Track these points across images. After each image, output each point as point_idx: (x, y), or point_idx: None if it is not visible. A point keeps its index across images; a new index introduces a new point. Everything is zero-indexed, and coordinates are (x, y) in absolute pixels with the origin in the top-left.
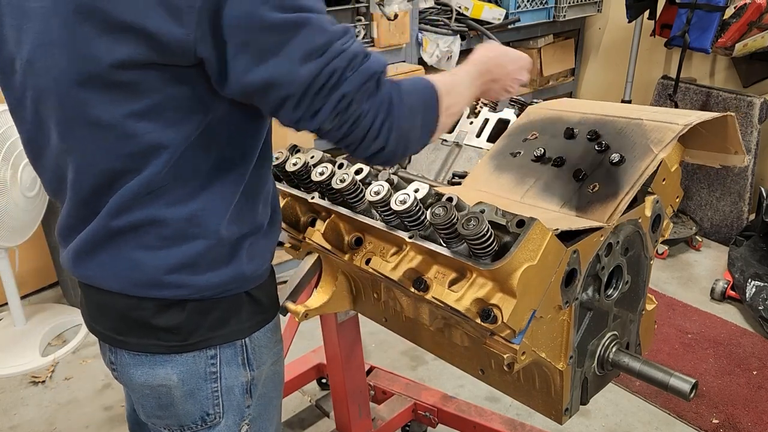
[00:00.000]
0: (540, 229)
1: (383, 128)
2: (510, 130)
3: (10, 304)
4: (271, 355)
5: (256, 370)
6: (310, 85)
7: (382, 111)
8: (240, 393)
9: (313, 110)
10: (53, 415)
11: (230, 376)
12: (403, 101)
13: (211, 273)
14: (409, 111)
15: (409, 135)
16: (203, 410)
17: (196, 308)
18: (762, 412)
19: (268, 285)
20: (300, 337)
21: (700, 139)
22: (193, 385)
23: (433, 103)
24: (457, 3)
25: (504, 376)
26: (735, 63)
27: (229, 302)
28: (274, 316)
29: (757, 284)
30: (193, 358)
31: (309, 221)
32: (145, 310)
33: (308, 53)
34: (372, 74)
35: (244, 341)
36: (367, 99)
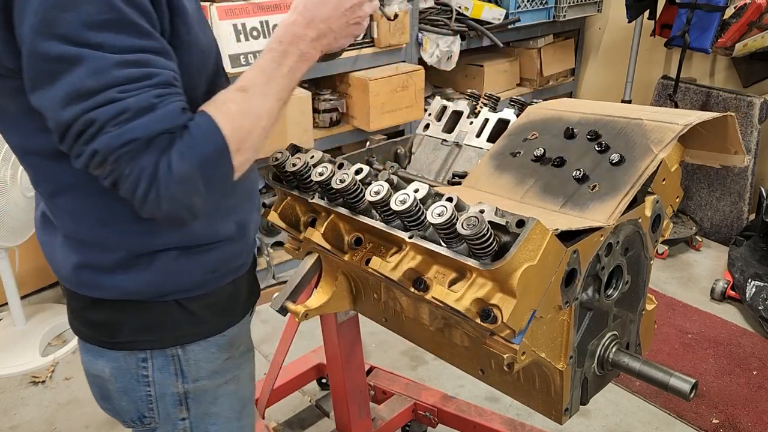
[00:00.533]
0: (540, 229)
1: (149, 196)
2: (510, 130)
3: (10, 304)
4: (220, 373)
5: (191, 384)
6: (68, 130)
7: (144, 180)
8: (172, 403)
9: (74, 154)
10: (53, 415)
11: (162, 384)
12: (173, 171)
13: (121, 277)
14: (182, 179)
15: (190, 200)
16: (139, 411)
17: (119, 308)
18: (762, 412)
19: (213, 300)
20: (300, 337)
21: (700, 139)
22: (125, 383)
23: (218, 160)
24: (457, 3)
25: (504, 376)
26: (735, 63)
27: (157, 308)
28: (218, 332)
29: (757, 284)
30: (123, 356)
31: (309, 221)
32: (79, 301)
33: (74, 95)
34: (134, 139)
35: (176, 350)
36: (129, 162)
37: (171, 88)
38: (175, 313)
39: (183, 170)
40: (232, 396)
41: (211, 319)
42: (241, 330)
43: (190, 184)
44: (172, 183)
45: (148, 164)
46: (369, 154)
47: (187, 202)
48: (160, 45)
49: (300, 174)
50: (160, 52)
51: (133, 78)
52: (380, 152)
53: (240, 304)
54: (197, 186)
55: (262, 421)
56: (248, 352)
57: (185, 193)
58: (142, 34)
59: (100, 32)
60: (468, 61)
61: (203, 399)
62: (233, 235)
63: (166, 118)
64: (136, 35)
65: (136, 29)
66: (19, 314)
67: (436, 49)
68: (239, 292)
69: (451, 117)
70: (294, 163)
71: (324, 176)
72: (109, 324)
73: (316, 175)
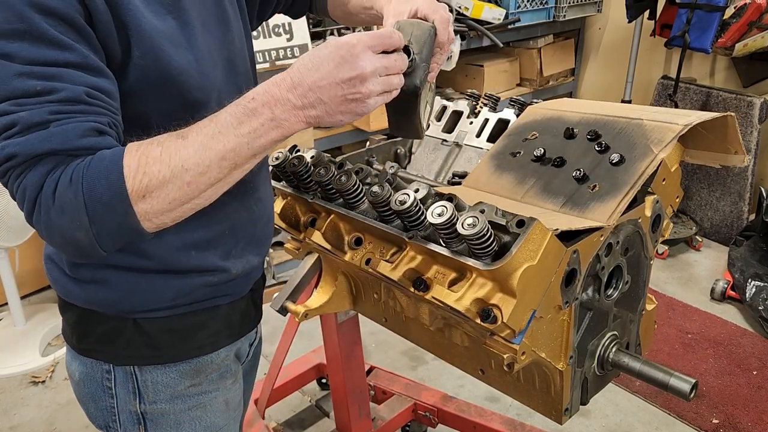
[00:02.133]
0: (540, 229)
1: (33, 219)
2: (510, 130)
3: (10, 304)
4: (182, 399)
5: (148, 405)
6: None
7: (27, 199)
8: (130, 421)
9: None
10: (53, 415)
11: (123, 400)
12: (55, 198)
13: (78, 285)
14: (62, 209)
15: (72, 235)
16: (105, 420)
17: (85, 315)
18: (762, 412)
19: (175, 326)
20: (300, 337)
21: (700, 139)
22: (93, 390)
23: (111, 201)
24: (457, 3)
25: (504, 376)
26: (735, 63)
27: (114, 322)
28: (179, 360)
29: (757, 284)
30: (91, 363)
31: (309, 221)
32: (59, 299)
33: None
34: (14, 154)
35: (133, 369)
36: (15, 178)
37: (78, 106)
38: (130, 332)
39: (65, 200)
40: (197, 422)
41: (170, 345)
42: (216, 358)
43: (72, 218)
44: (52, 210)
45: (31, 183)
46: (369, 154)
47: (69, 236)
48: (81, 59)
49: (300, 174)
50: (77, 66)
51: (33, 92)
52: (380, 152)
53: (216, 333)
54: (81, 222)
55: (262, 421)
56: (224, 379)
57: (66, 225)
58: (57, 45)
59: (8, 41)
60: (468, 61)
61: (162, 422)
62: (201, 270)
63: (56, 137)
64: (48, 47)
65: (49, 41)
66: (19, 314)
67: None
68: (216, 320)
69: (451, 117)
70: (294, 163)
71: (324, 176)
72: (77, 329)
73: (316, 175)
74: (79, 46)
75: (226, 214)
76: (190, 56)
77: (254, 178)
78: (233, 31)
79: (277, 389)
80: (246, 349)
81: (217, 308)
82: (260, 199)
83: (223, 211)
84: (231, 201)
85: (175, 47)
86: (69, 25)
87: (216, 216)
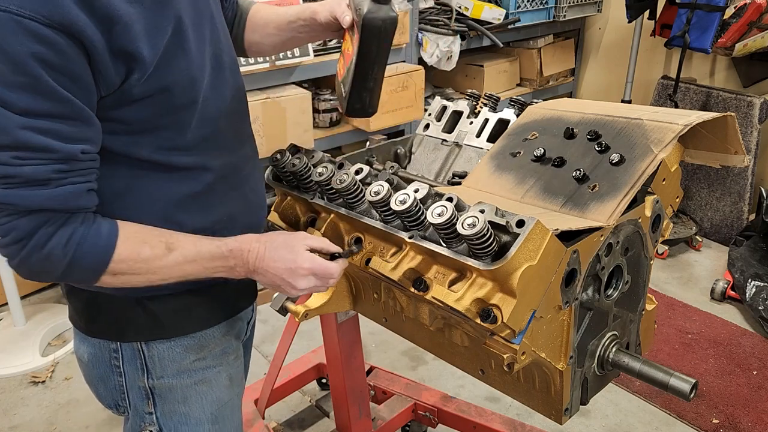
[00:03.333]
0: (540, 229)
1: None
2: (510, 130)
3: (10, 304)
4: (188, 373)
5: (156, 380)
6: None
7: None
8: (139, 397)
9: None
10: (53, 415)
11: (131, 376)
12: (45, 248)
13: None
14: (47, 259)
15: (39, 276)
16: (114, 399)
17: (92, 298)
18: (762, 412)
19: (178, 304)
20: (300, 337)
21: (700, 139)
22: (102, 370)
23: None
24: (457, 3)
25: (504, 376)
26: (735, 63)
27: (120, 303)
28: (183, 334)
29: (757, 284)
30: (99, 344)
31: (309, 221)
32: (66, 285)
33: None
34: (13, 204)
35: (140, 345)
36: (5, 216)
37: (74, 164)
38: (136, 310)
39: (54, 254)
40: (203, 398)
41: (173, 321)
42: (217, 333)
43: (51, 267)
44: (35, 255)
45: (23, 228)
46: (369, 154)
47: (36, 271)
48: (75, 112)
49: (300, 174)
50: (71, 118)
51: (33, 146)
52: (380, 152)
53: (215, 311)
54: (56, 271)
55: (262, 421)
56: (226, 355)
57: (41, 270)
58: (56, 99)
59: (10, 92)
60: (468, 61)
61: (170, 397)
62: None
63: (56, 198)
64: (48, 99)
65: (49, 94)
66: (19, 314)
67: (436, 49)
68: (215, 299)
69: (451, 117)
70: (294, 163)
71: (324, 176)
72: (86, 311)
73: (316, 175)
74: (74, 99)
75: (224, 203)
76: (183, 64)
77: (248, 169)
78: (218, 27)
79: (277, 389)
80: (244, 328)
81: (216, 287)
82: (254, 189)
83: (222, 200)
84: (228, 191)
85: (168, 62)
86: (67, 76)
87: (216, 205)
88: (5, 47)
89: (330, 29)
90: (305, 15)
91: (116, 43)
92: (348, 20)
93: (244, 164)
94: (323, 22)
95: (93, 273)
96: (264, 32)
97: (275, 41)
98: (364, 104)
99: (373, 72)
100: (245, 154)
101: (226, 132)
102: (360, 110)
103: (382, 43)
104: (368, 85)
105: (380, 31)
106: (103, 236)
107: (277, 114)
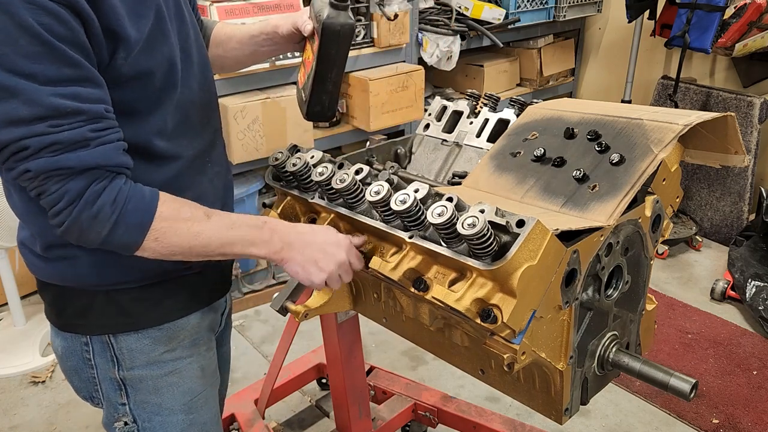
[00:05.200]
0: (540, 229)
1: (62, 214)
2: (510, 130)
3: (10, 304)
4: (158, 365)
5: (126, 372)
6: (1, 150)
7: (65, 199)
8: (111, 388)
9: (5, 168)
10: (53, 415)
11: (103, 368)
12: (94, 205)
13: (46, 264)
14: (95, 217)
15: (87, 235)
16: (89, 391)
17: (59, 292)
18: (762, 412)
19: (144, 295)
20: (300, 337)
21: (700, 139)
22: (75, 363)
23: (134, 230)
24: (457, 3)
25: (504, 376)
26: (735, 63)
27: (85, 296)
28: (150, 326)
29: (757, 284)
30: (71, 338)
31: (309, 221)
32: (37, 281)
33: (8, 122)
34: (68, 167)
35: (108, 338)
36: (57, 182)
37: (103, 122)
38: (102, 302)
39: (103, 211)
40: (175, 388)
41: (140, 312)
42: (186, 324)
43: (99, 226)
44: (85, 213)
45: (75, 188)
46: (369, 154)
47: (84, 230)
48: (91, 74)
49: (300, 174)
50: (88, 81)
51: (64, 112)
52: (380, 152)
53: (184, 301)
54: (103, 230)
55: (262, 421)
56: (197, 346)
57: (89, 229)
58: (72, 64)
59: (33, 63)
60: (468, 61)
61: (141, 387)
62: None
63: (99, 156)
64: (66, 65)
65: (65, 60)
66: (19, 314)
67: (436, 49)
68: (183, 289)
69: (451, 117)
70: (294, 163)
71: (324, 176)
72: (55, 306)
73: (316, 175)
74: (86, 63)
75: (191, 187)
76: (164, 49)
77: (212, 153)
78: (188, 24)
79: (277, 389)
80: (218, 320)
81: (185, 278)
82: (220, 172)
83: (189, 184)
84: (195, 175)
85: (152, 46)
86: (75, 44)
87: (182, 189)
88: (19, 20)
89: (292, 41)
90: (267, 29)
91: (104, 20)
92: (309, 29)
93: (211, 150)
94: (285, 34)
95: (138, 231)
96: (227, 47)
97: (237, 55)
98: (324, 107)
99: (331, 75)
100: (212, 141)
101: (195, 120)
102: (320, 113)
103: (340, 46)
104: (327, 88)
105: (339, 35)
106: (146, 195)
107: (277, 114)
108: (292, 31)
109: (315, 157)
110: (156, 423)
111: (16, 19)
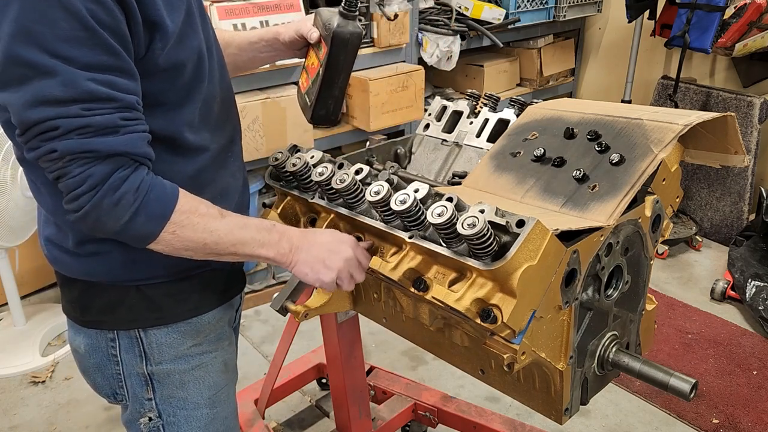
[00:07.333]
0: (540, 229)
1: (82, 198)
2: (510, 130)
3: (10, 304)
4: (185, 359)
5: (155, 366)
6: (30, 128)
7: (87, 183)
8: (138, 384)
9: (29, 147)
10: (53, 415)
11: (129, 364)
12: (117, 192)
13: (77, 259)
14: (116, 203)
15: (105, 223)
16: (112, 388)
17: (86, 288)
18: (762, 412)
19: (174, 290)
20: (300, 337)
21: (700, 139)
22: (98, 360)
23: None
24: (457, 3)
25: (504, 376)
26: (735, 63)
27: (116, 291)
28: (180, 320)
29: (757, 284)
30: (95, 334)
31: (309, 221)
32: (59, 278)
33: (41, 100)
34: (96, 150)
35: (138, 333)
36: (82, 165)
37: (134, 113)
38: (133, 297)
39: (125, 198)
40: (201, 382)
41: (171, 306)
42: (212, 319)
43: (119, 214)
44: (108, 199)
45: (99, 173)
46: (369, 154)
47: (103, 220)
48: (127, 65)
49: (300, 174)
50: (124, 71)
51: (98, 97)
52: (380, 152)
53: (209, 296)
54: (122, 219)
55: (262, 421)
56: (221, 341)
57: (108, 214)
58: (111, 53)
59: (72, 47)
60: (468, 61)
61: (168, 382)
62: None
63: (127, 143)
64: (104, 53)
65: (105, 48)
66: (19, 314)
67: (436, 49)
68: (207, 284)
69: (451, 117)
70: (294, 163)
71: (324, 176)
72: (80, 302)
73: (316, 175)
74: (124, 53)
75: (216, 180)
76: (194, 42)
77: (233, 149)
78: (209, 22)
79: (277, 389)
80: (233, 315)
81: (209, 273)
82: (240, 167)
83: (213, 178)
84: (218, 169)
85: (183, 39)
86: (115, 34)
87: (208, 182)
88: (65, 4)
89: (293, 48)
90: (268, 36)
91: (144, 11)
92: (315, 36)
93: (231, 146)
94: (287, 41)
95: (157, 222)
96: (226, 52)
97: (236, 60)
98: (329, 111)
99: (339, 80)
100: (232, 137)
101: (217, 115)
102: (324, 117)
103: (348, 54)
104: (334, 93)
105: (348, 43)
106: (167, 187)
107: (277, 114)
108: (295, 38)
109: (315, 157)
110: (181, 417)
111: (64, 2)
